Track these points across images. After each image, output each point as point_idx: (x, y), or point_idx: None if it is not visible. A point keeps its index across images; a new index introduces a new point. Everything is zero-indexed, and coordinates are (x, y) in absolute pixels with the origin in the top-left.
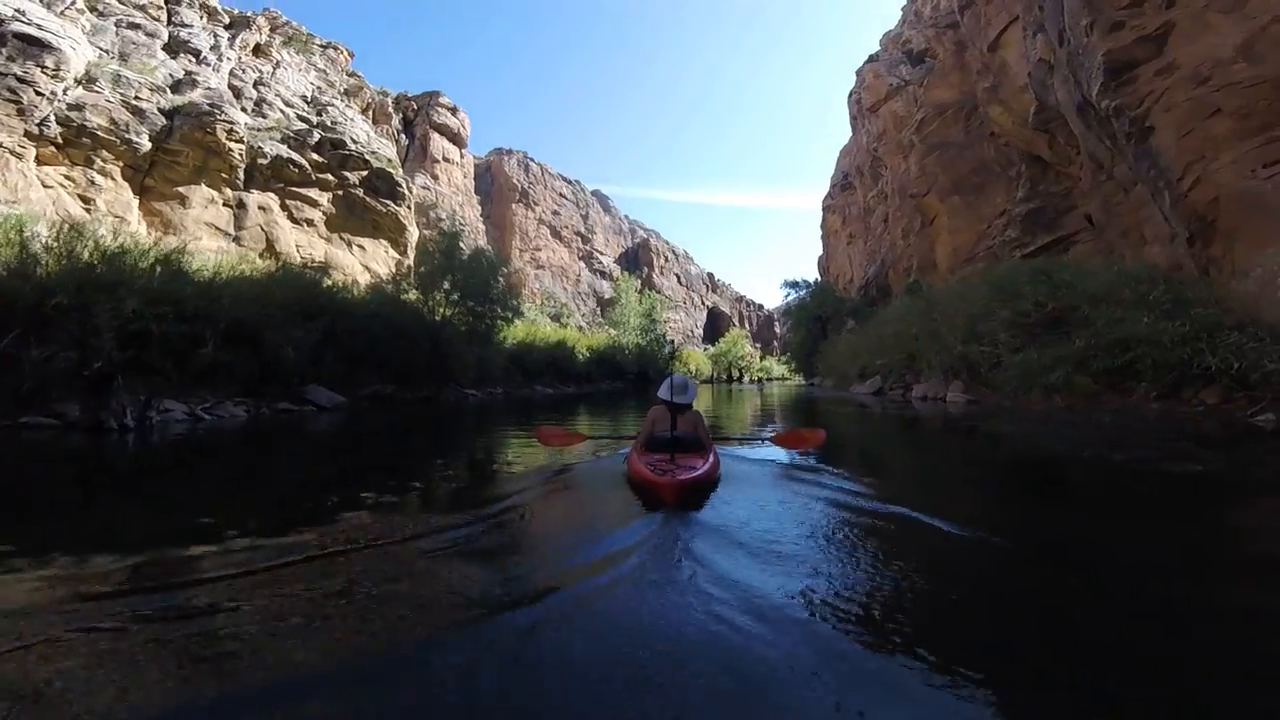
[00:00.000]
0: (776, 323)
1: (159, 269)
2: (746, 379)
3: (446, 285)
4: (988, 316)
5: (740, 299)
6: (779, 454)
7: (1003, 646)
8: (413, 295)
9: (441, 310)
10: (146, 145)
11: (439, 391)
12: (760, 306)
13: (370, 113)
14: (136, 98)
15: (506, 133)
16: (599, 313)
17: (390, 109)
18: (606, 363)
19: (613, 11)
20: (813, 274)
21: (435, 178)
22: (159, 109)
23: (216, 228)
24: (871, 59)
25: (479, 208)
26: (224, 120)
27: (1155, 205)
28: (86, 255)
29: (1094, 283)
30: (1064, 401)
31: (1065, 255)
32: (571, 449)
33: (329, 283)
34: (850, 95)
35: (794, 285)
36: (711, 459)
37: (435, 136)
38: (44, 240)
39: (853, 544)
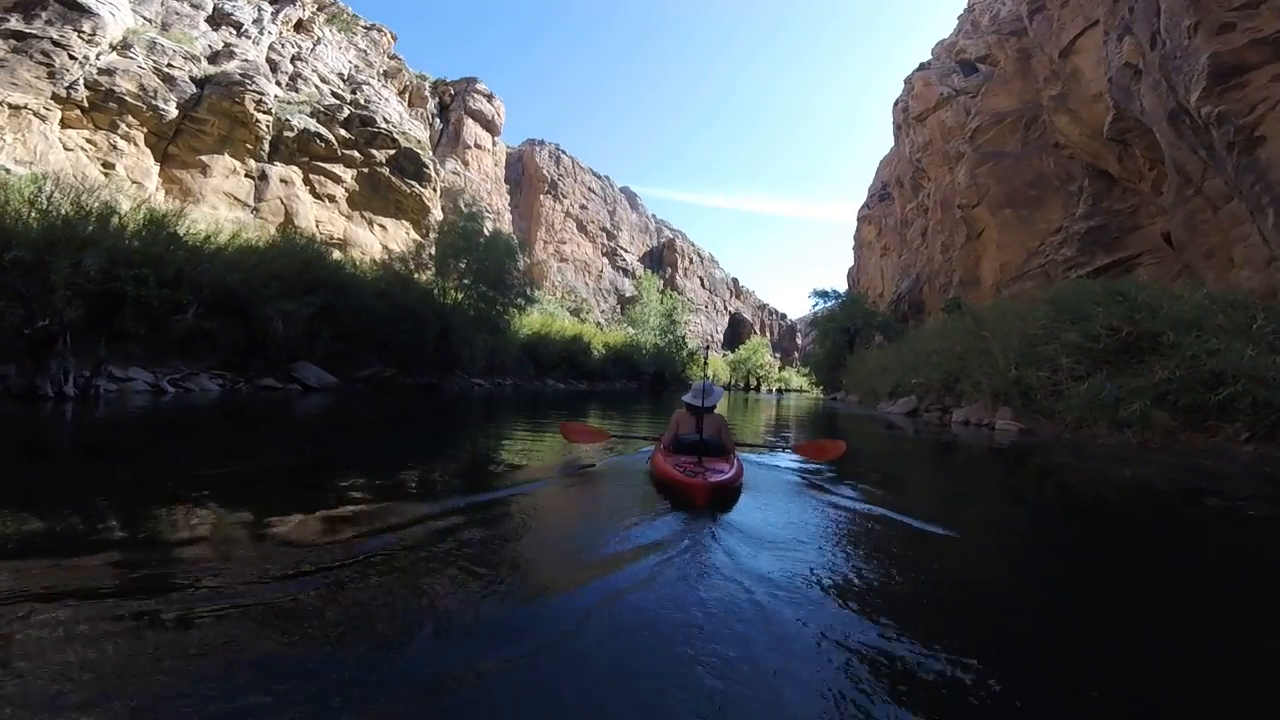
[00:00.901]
0: (799, 333)
1: (146, 230)
2: (765, 388)
3: (462, 266)
4: (1048, 338)
5: (763, 307)
6: (800, 463)
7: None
8: (425, 277)
9: (453, 294)
10: (173, 112)
11: (443, 379)
12: (783, 316)
13: (407, 95)
14: (169, 65)
15: (539, 127)
16: (619, 310)
17: (427, 93)
18: (623, 361)
19: (649, 17)
20: (841, 286)
21: (466, 163)
22: (190, 77)
23: (236, 198)
24: (922, 67)
25: (507, 196)
26: (254, 91)
27: (1253, 224)
28: (64, 211)
29: (1182, 307)
30: (1138, 438)
31: (1127, 277)
32: (588, 446)
33: (338, 256)
34: (896, 104)
35: (823, 295)
36: (737, 464)
37: (469, 122)
38: (27, 195)
39: (880, 556)
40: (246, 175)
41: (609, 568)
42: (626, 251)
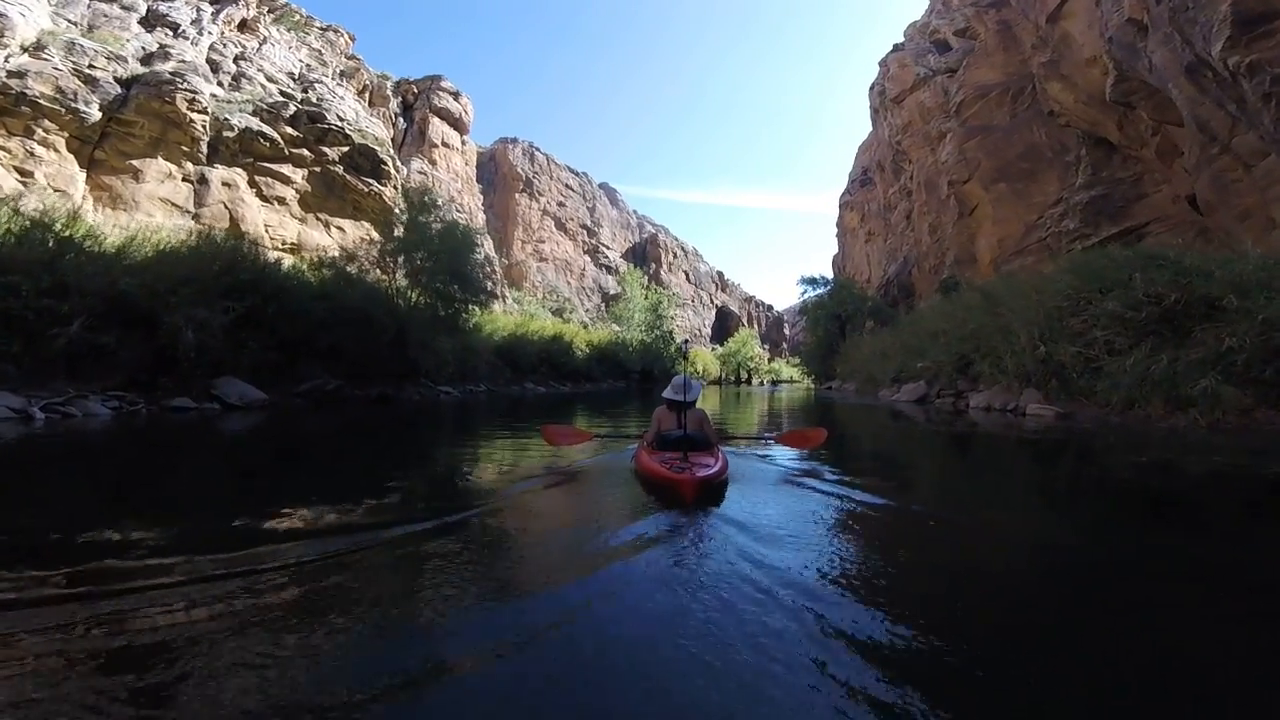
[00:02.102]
0: (786, 324)
1: (24, 232)
2: (756, 381)
3: (417, 261)
4: (1075, 310)
5: (749, 299)
6: (785, 454)
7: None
8: (377, 274)
9: (408, 293)
10: (96, 115)
11: (401, 388)
12: (770, 307)
13: (367, 95)
14: (90, 66)
15: (512, 127)
16: (604, 309)
17: (389, 92)
18: (608, 360)
19: (617, 15)
20: (828, 274)
21: (433, 162)
22: (115, 78)
23: (174, 204)
24: (896, 49)
25: (480, 196)
26: (186, 90)
27: None
28: None
29: (1243, 267)
30: (1206, 419)
31: (1138, 246)
32: (573, 448)
33: (284, 259)
34: (871, 88)
35: (812, 282)
36: (722, 458)
37: (435, 121)
38: None
39: (882, 547)
40: (184, 179)
41: (599, 566)
42: (608, 248)
